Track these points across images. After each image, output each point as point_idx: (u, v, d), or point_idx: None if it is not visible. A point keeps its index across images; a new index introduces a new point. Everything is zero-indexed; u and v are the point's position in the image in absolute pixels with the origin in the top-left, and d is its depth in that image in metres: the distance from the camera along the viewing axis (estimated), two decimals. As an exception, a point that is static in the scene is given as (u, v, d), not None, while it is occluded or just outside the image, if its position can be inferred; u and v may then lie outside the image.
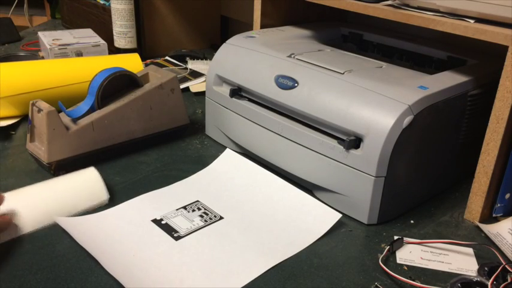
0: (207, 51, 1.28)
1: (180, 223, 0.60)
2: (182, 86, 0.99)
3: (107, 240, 0.56)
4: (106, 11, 1.19)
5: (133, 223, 0.59)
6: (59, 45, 1.04)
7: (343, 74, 0.65)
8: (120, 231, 0.58)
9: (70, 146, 0.69)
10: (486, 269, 0.54)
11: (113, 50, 1.16)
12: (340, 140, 0.62)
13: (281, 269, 0.54)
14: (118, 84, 0.75)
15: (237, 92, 0.75)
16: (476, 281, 0.52)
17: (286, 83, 0.67)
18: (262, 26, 0.89)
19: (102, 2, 1.23)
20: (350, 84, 0.63)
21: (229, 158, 0.73)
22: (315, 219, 0.61)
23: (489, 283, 0.50)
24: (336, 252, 0.57)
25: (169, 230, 0.58)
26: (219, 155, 0.74)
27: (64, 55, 1.03)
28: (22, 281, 0.50)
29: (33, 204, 0.60)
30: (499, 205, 0.62)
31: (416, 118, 0.57)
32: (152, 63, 1.14)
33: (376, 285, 0.52)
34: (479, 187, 0.61)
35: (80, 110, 0.72)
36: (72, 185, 0.63)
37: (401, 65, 0.74)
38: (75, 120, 0.71)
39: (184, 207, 0.63)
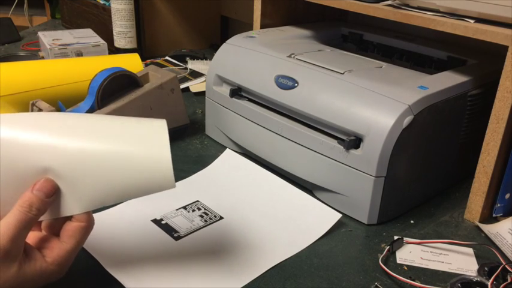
0: (207, 51, 1.28)
1: (180, 223, 0.60)
2: (182, 86, 0.99)
3: (107, 240, 0.56)
4: (106, 11, 1.19)
5: (134, 223, 0.59)
6: (59, 45, 1.04)
7: (343, 74, 0.65)
8: (120, 231, 0.58)
9: (70, 146, 0.69)
10: (486, 269, 0.54)
11: (113, 50, 1.16)
12: (340, 140, 0.62)
13: (281, 269, 0.54)
14: (118, 84, 0.75)
15: (237, 92, 0.75)
16: (476, 281, 0.52)
17: (286, 83, 0.67)
18: (262, 26, 0.89)
19: (102, 2, 1.23)
20: (350, 84, 0.63)
21: (229, 158, 0.73)
22: (315, 219, 0.61)
23: (489, 283, 0.50)
24: (336, 252, 0.57)
25: (169, 230, 0.58)
26: (219, 155, 0.74)
27: (64, 55, 1.03)
28: (22, 281, 0.50)
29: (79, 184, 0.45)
30: (499, 205, 0.62)
31: (416, 118, 0.57)
32: (152, 63, 1.14)
33: (376, 285, 0.52)
34: (479, 187, 0.61)
35: (79, 110, 0.72)
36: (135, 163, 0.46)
37: (401, 65, 0.74)
38: (75, 120, 0.71)
39: (184, 207, 0.63)
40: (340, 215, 0.61)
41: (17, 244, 0.42)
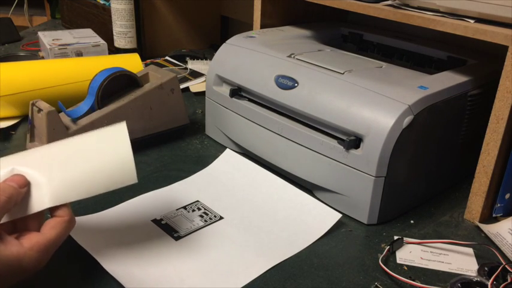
0: (207, 51, 1.28)
1: (180, 223, 0.60)
2: (182, 86, 0.99)
3: (107, 240, 0.56)
4: (106, 11, 1.19)
5: (134, 223, 0.59)
6: (59, 45, 1.04)
7: (343, 74, 0.65)
8: (120, 231, 0.58)
9: (70, 146, 0.69)
10: (486, 269, 0.54)
11: (113, 50, 1.16)
12: (340, 140, 0.62)
13: (281, 269, 0.54)
14: (118, 84, 0.75)
15: (237, 92, 0.75)
16: (476, 281, 0.52)
17: (286, 83, 0.67)
18: (262, 26, 0.89)
19: (102, 2, 1.23)
20: (350, 84, 0.63)
21: (229, 158, 0.73)
22: (315, 219, 0.61)
23: (489, 283, 0.50)
24: (336, 252, 0.57)
25: (169, 230, 0.58)
26: (219, 155, 0.74)
27: (64, 55, 1.03)
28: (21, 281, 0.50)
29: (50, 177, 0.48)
30: (499, 205, 0.62)
31: (416, 118, 0.57)
32: (152, 63, 1.14)
33: (376, 285, 0.52)
34: (479, 187, 0.61)
35: (79, 110, 0.72)
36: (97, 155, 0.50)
37: (401, 65, 0.74)
38: (75, 120, 0.71)
39: (184, 207, 0.63)
40: (340, 215, 0.61)
41: None
